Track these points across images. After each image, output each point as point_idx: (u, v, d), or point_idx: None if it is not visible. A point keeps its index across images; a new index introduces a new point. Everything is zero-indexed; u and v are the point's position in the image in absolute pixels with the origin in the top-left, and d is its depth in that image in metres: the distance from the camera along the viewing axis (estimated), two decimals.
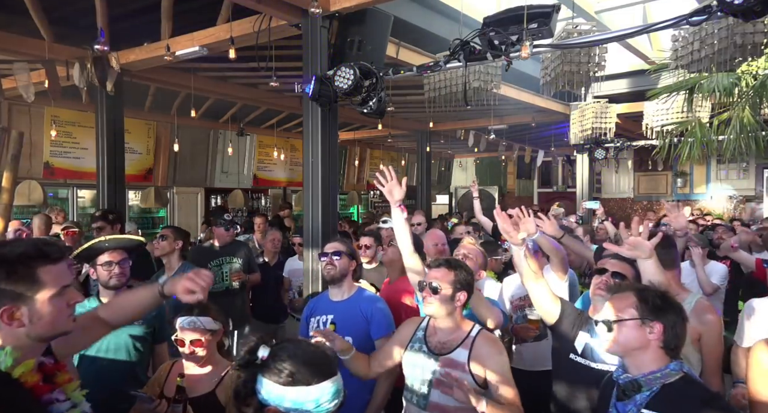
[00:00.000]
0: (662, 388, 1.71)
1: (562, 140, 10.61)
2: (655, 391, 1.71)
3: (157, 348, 2.95)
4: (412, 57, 5.68)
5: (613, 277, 2.36)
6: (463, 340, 2.25)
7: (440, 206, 16.26)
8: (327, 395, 1.37)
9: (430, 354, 2.28)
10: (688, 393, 1.70)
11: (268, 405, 1.36)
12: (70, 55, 5.44)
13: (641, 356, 1.76)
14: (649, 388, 1.72)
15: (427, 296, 2.27)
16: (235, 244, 4.82)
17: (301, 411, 1.34)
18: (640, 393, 1.73)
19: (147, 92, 7.96)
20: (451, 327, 2.29)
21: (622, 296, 1.85)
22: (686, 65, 4.24)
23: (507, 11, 3.65)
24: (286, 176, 12.48)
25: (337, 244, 2.93)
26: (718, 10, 2.92)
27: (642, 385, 1.74)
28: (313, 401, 1.35)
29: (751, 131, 5.56)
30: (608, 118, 7.84)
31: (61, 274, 1.43)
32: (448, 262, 2.36)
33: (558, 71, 4.54)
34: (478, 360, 2.19)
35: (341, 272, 2.82)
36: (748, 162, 11.90)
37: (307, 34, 4.36)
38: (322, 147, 4.35)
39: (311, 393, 1.35)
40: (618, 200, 14.37)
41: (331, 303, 2.85)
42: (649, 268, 2.15)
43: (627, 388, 1.77)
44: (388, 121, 9.01)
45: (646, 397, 1.72)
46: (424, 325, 2.40)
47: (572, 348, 2.31)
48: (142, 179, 9.68)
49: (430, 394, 2.23)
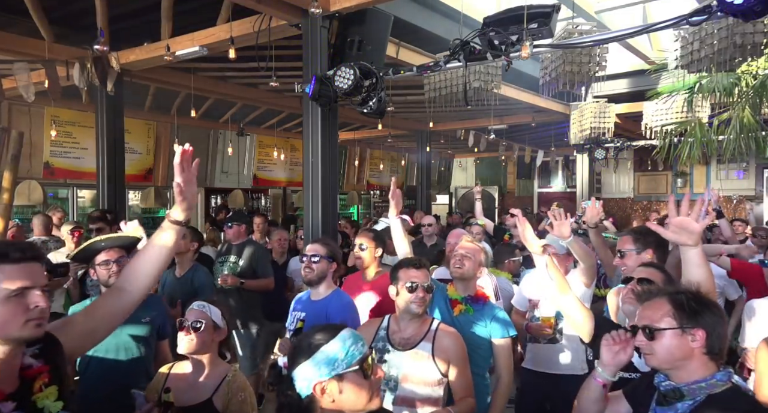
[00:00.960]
0: (707, 398, 1.60)
1: (562, 140, 10.61)
2: (698, 401, 1.60)
3: (159, 345, 2.96)
4: (412, 57, 5.68)
5: (640, 283, 2.19)
6: (425, 334, 2.34)
7: (440, 206, 16.26)
8: (350, 341, 1.47)
9: (395, 349, 2.33)
10: (734, 406, 1.58)
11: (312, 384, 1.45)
12: (70, 55, 5.44)
13: (686, 366, 1.63)
14: (692, 398, 1.61)
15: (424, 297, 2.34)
16: (243, 244, 4.66)
17: (337, 362, 1.44)
18: (681, 401, 1.62)
19: (147, 92, 7.96)
20: (418, 322, 2.37)
21: (654, 304, 1.69)
22: (686, 65, 4.24)
23: (507, 11, 3.66)
24: (286, 176, 12.48)
25: (317, 246, 2.90)
26: (718, 10, 2.92)
27: (684, 394, 1.62)
28: (341, 349, 1.45)
29: (751, 131, 5.56)
30: (607, 118, 7.84)
31: (20, 275, 1.36)
32: (414, 262, 2.45)
33: (559, 71, 4.54)
34: (440, 351, 2.29)
35: (318, 276, 2.83)
36: (748, 162, 11.89)
37: (307, 34, 4.36)
38: (322, 147, 4.35)
39: (335, 345, 1.45)
40: (618, 200, 14.36)
41: (308, 302, 2.90)
42: (693, 258, 1.85)
43: (668, 395, 1.65)
44: (388, 121, 9.01)
45: (689, 406, 1.61)
46: (386, 324, 2.44)
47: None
48: (142, 179, 9.68)
49: (396, 388, 2.27)
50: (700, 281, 1.83)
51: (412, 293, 2.32)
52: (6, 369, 1.36)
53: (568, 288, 2.29)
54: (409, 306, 2.33)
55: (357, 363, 1.45)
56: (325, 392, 1.42)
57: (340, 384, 1.43)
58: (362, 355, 1.47)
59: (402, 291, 2.36)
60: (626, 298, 2.20)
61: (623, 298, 2.24)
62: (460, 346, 2.34)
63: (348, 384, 1.43)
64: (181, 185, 1.68)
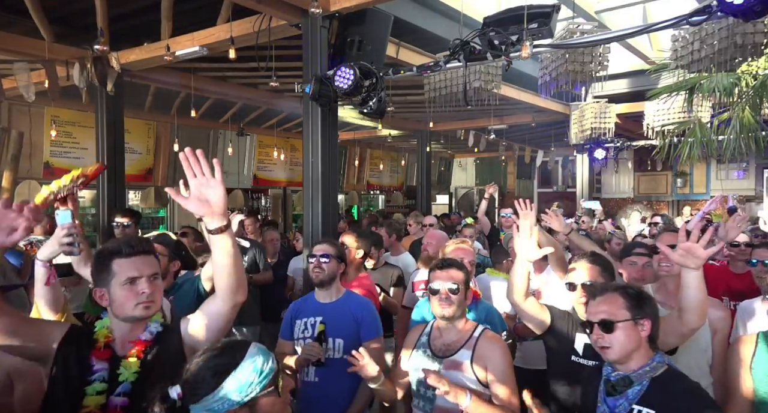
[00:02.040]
0: (652, 382, 1.73)
1: (562, 140, 10.62)
2: (645, 386, 1.73)
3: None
4: (412, 57, 5.68)
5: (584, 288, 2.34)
6: (467, 341, 2.25)
7: (440, 206, 16.26)
8: (261, 359, 1.33)
9: (434, 357, 2.27)
10: (675, 387, 1.72)
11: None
12: (70, 55, 5.44)
13: (635, 355, 1.77)
14: (639, 383, 1.74)
15: (446, 298, 2.26)
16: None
17: (251, 386, 1.29)
18: (631, 388, 1.74)
19: (147, 92, 7.96)
20: (457, 328, 2.29)
21: (608, 299, 1.83)
22: (686, 65, 4.24)
23: (507, 11, 3.66)
24: (286, 176, 12.47)
25: (326, 246, 2.85)
26: (718, 10, 2.92)
27: (633, 381, 1.75)
28: (253, 372, 1.31)
29: (751, 131, 5.56)
30: (608, 118, 7.85)
31: (130, 267, 1.67)
32: (455, 263, 2.37)
33: (560, 71, 4.54)
34: (480, 360, 2.18)
35: (329, 276, 2.75)
36: (748, 162, 11.89)
37: (307, 34, 4.36)
38: (322, 147, 4.35)
39: (246, 369, 1.31)
40: (618, 200, 14.37)
41: (319, 305, 2.78)
42: (692, 281, 1.93)
43: (618, 384, 1.77)
44: (388, 121, 9.02)
45: (638, 392, 1.73)
46: (428, 330, 2.40)
47: (572, 350, 2.30)
48: (142, 179, 9.68)
49: (435, 398, 2.20)
50: (697, 303, 1.94)
51: (435, 296, 2.29)
52: (124, 339, 1.71)
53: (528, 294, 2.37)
54: (435, 310, 2.31)
55: (270, 381, 1.32)
56: None
57: (252, 411, 1.30)
58: (274, 372, 1.34)
59: (430, 296, 2.33)
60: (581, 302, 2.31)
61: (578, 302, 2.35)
62: (501, 353, 2.20)
63: (261, 409, 1.31)
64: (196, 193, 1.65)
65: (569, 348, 2.31)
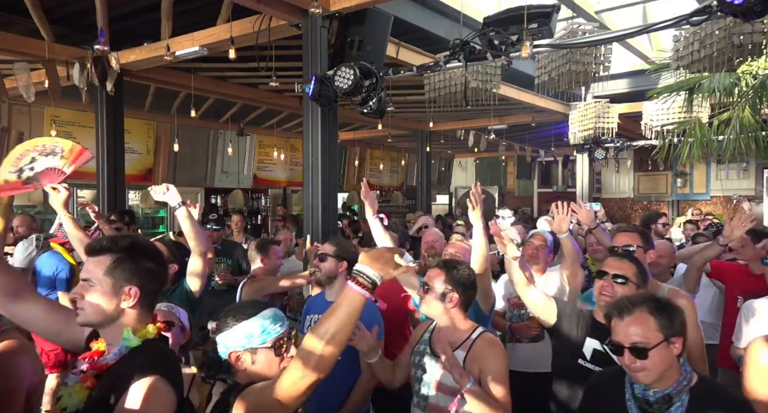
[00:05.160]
0: (691, 394, 1.68)
1: (562, 140, 10.61)
2: (685, 400, 1.67)
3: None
4: (412, 57, 5.68)
5: (614, 279, 2.27)
6: (463, 341, 2.24)
7: (440, 206, 16.25)
8: (268, 321, 1.65)
9: (432, 356, 2.28)
10: (713, 394, 1.70)
11: (228, 352, 1.63)
12: (70, 55, 5.44)
13: (669, 373, 1.70)
14: (679, 398, 1.67)
15: (423, 296, 2.31)
16: (225, 245, 4.82)
17: (252, 338, 1.62)
18: (672, 405, 1.67)
19: (147, 92, 7.96)
20: (449, 327, 2.28)
21: (638, 319, 1.71)
22: (686, 65, 4.23)
23: (507, 11, 3.66)
24: (286, 176, 12.47)
25: (325, 246, 2.90)
26: (718, 10, 2.92)
27: (673, 397, 1.68)
28: (259, 327, 1.63)
29: (751, 131, 5.56)
30: (610, 118, 7.84)
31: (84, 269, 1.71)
32: (443, 263, 2.37)
33: (561, 71, 4.53)
34: (474, 361, 2.17)
35: (326, 275, 2.80)
36: (748, 162, 11.88)
37: (307, 34, 4.36)
38: (322, 147, 4.35)
39: (253, 323, 1.63)
40: (618, 200, 14.36)
41: (326, 302, 2.83)
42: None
43: (657, 403, 1.69)
44: (388, 121, 9.00)
45: (679, 408, 1.66)
46: (432, 327, 2.41)
47: (579, 353, 2.27)
48: (142, 179, 9.67)
49: (429, 396, 2.23)
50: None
51: (424, 295, 2.31)
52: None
53: (532, 282, 2.46)
54: (422, 309, 2.35)
55: (271, 341, 1.63)
56: (239, 360, 1.62)
57: (253, 356, 1.62)
58: (278, 335, 1.64)
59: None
60: (603, 296, 2.27)
61: (599, 294, 2.30)
62: (496, 356, 2.18)
63: (260, 358, 1.63)
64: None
65: (576, 350, 2.28)
